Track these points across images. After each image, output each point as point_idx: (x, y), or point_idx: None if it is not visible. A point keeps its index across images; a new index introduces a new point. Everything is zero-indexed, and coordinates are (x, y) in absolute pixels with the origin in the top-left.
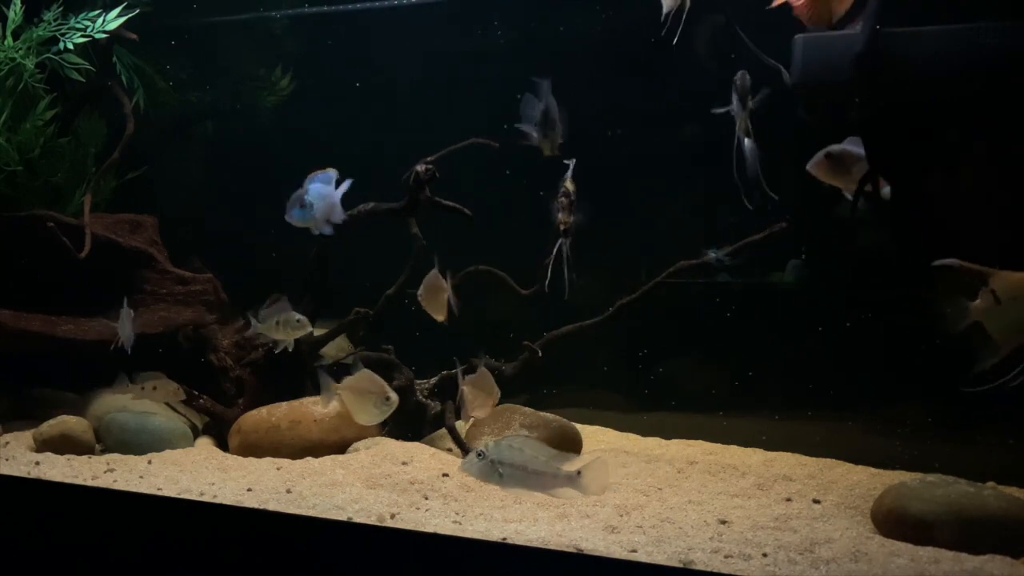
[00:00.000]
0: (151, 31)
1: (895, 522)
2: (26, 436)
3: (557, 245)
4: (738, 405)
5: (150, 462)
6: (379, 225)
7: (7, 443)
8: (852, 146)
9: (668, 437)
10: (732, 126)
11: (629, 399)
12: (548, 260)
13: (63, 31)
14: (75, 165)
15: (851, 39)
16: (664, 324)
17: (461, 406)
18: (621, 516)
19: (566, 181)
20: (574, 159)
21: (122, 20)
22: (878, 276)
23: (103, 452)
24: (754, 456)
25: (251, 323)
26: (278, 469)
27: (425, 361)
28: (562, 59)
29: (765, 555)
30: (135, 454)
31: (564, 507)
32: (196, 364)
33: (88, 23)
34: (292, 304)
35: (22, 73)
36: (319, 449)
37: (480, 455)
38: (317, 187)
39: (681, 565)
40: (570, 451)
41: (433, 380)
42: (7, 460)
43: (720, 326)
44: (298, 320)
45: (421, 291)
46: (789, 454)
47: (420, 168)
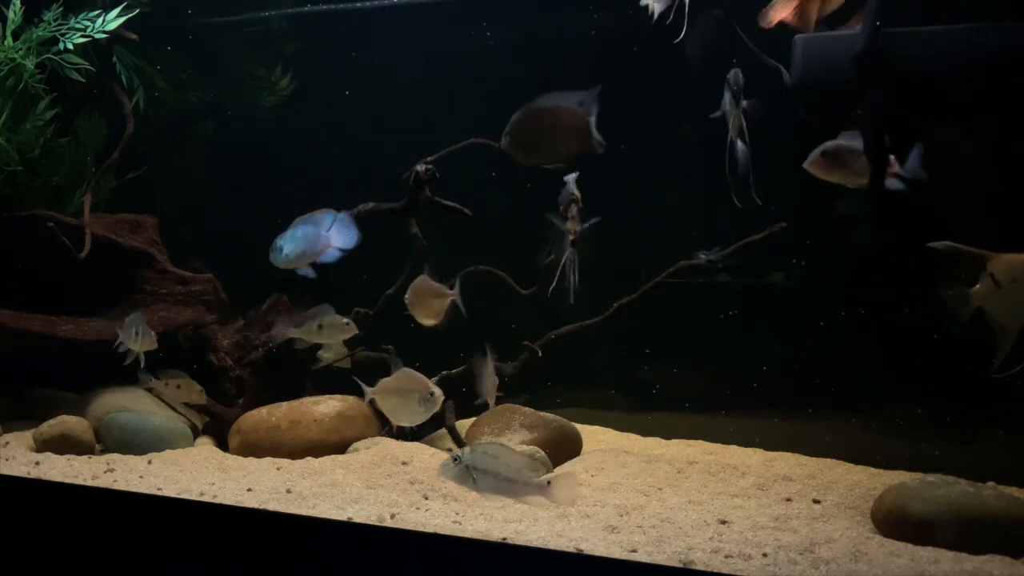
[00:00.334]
0: (151, 31)
1: (895, 522)
2: (26, 436)
3: (565, 255)
4: (738, 405)
5: (150, 462)
6: (379, 225)
7: (7, 443)
8: (847, 141)
9: (668, 437)
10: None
11: (629, 399)
12: (549, 260)
13: (63, 31)
14: (75, 165)
15: (851, 39)
16: (664, 324)
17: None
18: (621, 516)
19: (572, 188)
20: (576, 172)
21: (122, 20)
22: (877, 275)
23: (103, 452)
24: (754, 456)
25: (278, 329)
26: (278, 469)
27: (425, 361)
28: (562, 59)
29: (765, 555)
30: (135, 454)
31: (564, 507)
32: (196, 364)
33: (88, 23)
34: (292, 304)
35: (22, 73)
36: (319, 449)
37: (456, 460)
38: (295, 231)
39: (681, 565)
40: (570, 451)
41: (433, 380)
42: (7, 460)
43: (720, 326)
44: (346, 322)
45: (409, 296)
46: (789, 454)
47: (420, 168)
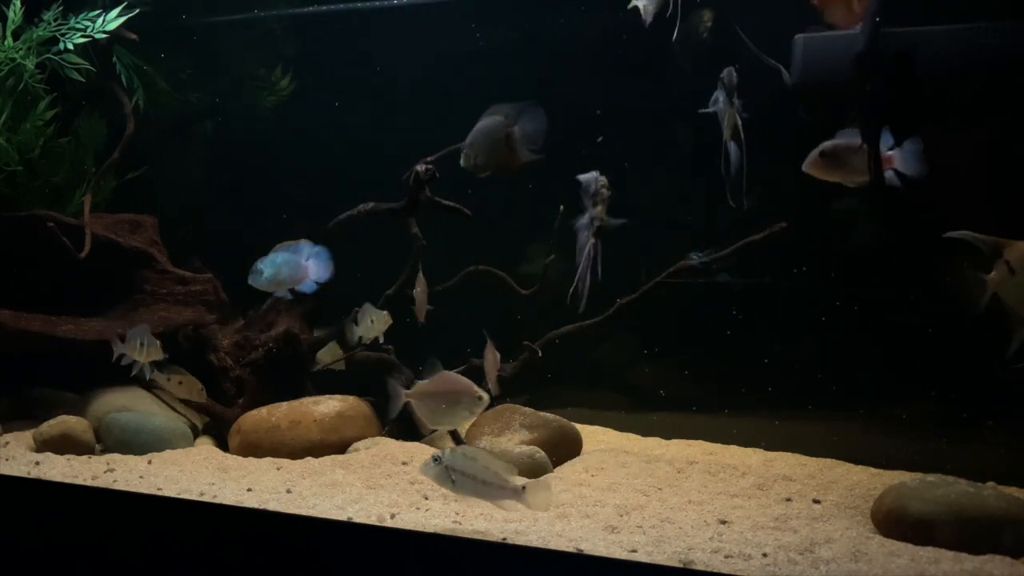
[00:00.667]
0: (151, 31)
1: (895, 522)
2: (26, 436)
3: (588, 245)
4: (738, 405)
5: (150, 462)
6: (379, 225)
7: (7, 443)
8: (844, 139)
9: (668, 437)
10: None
11: (629, 399)
12: (549, 260)
13: (63, 31)
14: (75, 165)
15: (851, 39)
16: (664, 324)
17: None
18: (621, 516)
19: (598, 176)
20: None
21: (122, 20)
22: (877, 274)
23: (103, 452)
24: (754, 456)
25: (350, 332)
26: (278, 469)
27: (425, 361)
28: (562, 59)
29: (765, 555)
30: (135, 454)
31: (564, 507)
32: (196, 364)
33: (88, 23)
34: (292, 304)
35: (22, 73)
36: (319, 449)
37: (436, 460)
38: (276, 256)
39: (681, 565)
40: (570, 451)
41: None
42: (7, 460)
43: (720, 326)
44: (385, 313)
45: (418, 288)
46: (789, 454)
47: (420, 168)
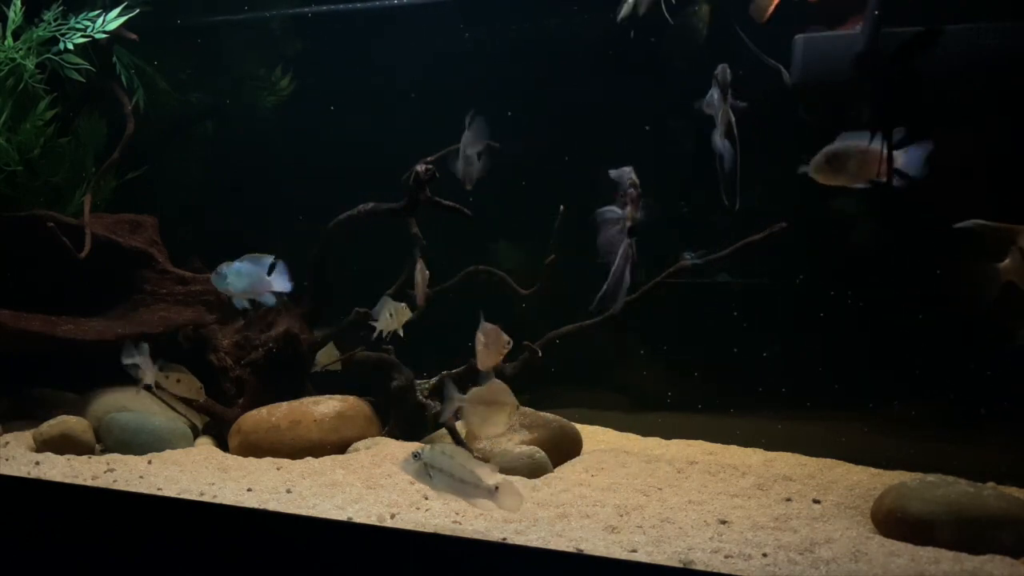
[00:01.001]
0: (151, 31)
1: (895, 522)
2: (26, 436)
3: (623, 246)
4: (738, 405)
5: (150, 462)
6: (379, 225)
7: (7, 443)
8: (847, 142)
9: (668, 437)
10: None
11: (629, 399)
12: (550, 261)
13: (63, 31)
14: (75, 165)
15: (851, 39)
16: (664, 324)
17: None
18: (621, 516)
19: (630, 174)
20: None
21: (122, 20)
22: (877, 274)
23: (103, 452)
24: (754, 456)
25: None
26: (278, 469)
27: (425, 361)
28: (561, 58)
29: (765, 555)
30: (135, 454)
31: (564, 507)
32: (196, 364)
33: (88, 23)
34: (292, 304)
35: (22, 73)
36: (319, 449)
37: (416, 457)
38: (240, 265)
39: (681, 565)
40: (570, 451)
41: (433, 380)
42: (7, 460)
43: (720, 326)
44: (404, 305)
45: (418, 273)
46: (789, 454)
47: (420, 168)
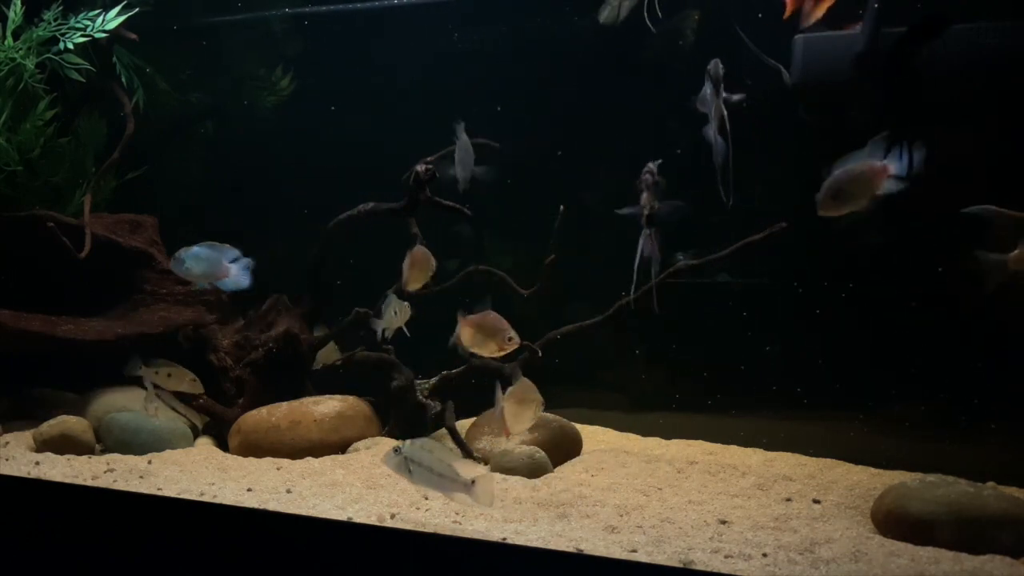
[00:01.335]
0: (151, 31)
1: (895, 522)
2: (26, 436)
3: (642, 237)
4: (738, 405)
5: (150, 462)
6: (379, 225)
7: (7, 443)
8: (844, 168)
9: (668, 437)
10: (732, 123)
11: (629, 399)
12: (550, 261)
13: (63, 31)
14: (75, 165)
15: (851, 39)
16: (664, 324)
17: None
18: (621, 516)
19: (650, 165)
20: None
21: (121, 19)
22: (877, 274)
23: (103, 452)
24: (754, 456)
25: (374, 324)
26: (278, 469)
27: (425, 361)
28: (562, 58)
29: (765, 555)
30: (135, 454)
31: (564, 507)
32: (196, 364)
33: (88, 23)
34: (291, 303)
35: (22, 73)
36: (319, 449)
37: (397, 451)
38: (199, 250)
39: (681, 565)
40: (570, 451)
41: (433, 380)
42: (7, 460)
43: (720, 325)
44: (406, 303)
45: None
46: (789, 454)
47: (420, 168)
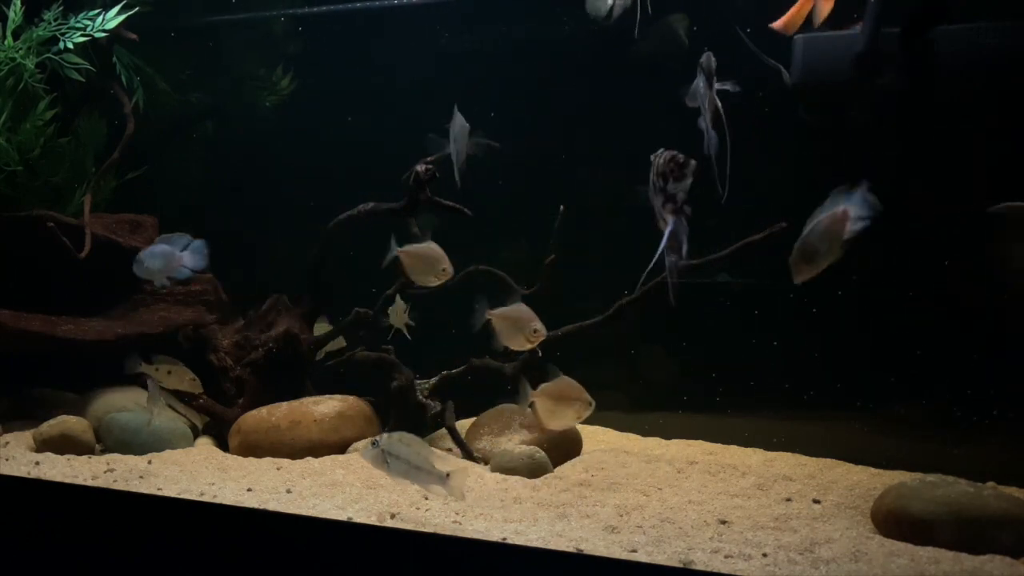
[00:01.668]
0: (151, 31)
1: (895, 522)
2: (26, 436)
3: (670, 227)
4: (738, 405)
5: (150, 462)
6: (379, 225)
7: (7, 443)
8: (810, 226)
9: (668, 437)
10: (731, 122)
11: (629, 399)
12: (550, 261)
13: (63, 31)
14: (75, 165)
15: (851, 39)
16: (664, 324)
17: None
18: (621, 516)
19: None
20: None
21: (121, 19)
22: (877, 273)
23: (103, 452)
24: (754, 456)
25: (383, 321)
26: (278, 469)
27: (425, 361)
28: (562, 58)
29: (765, 555)
30: (135, 454)
31: (564, 507)
32: (196, 364)
33: (88, 22)
34: (291, 303)
35: (22, 73)
36: (319, 449)
37: (375, 444)
38: (154, 248)
39: (681, 565)
40: (570, 451)
41: (433, 380)
42: (7, 460)
43: (720, 325)
44: (405, 308)
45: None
46: (789, 454)
47: (420, 168)
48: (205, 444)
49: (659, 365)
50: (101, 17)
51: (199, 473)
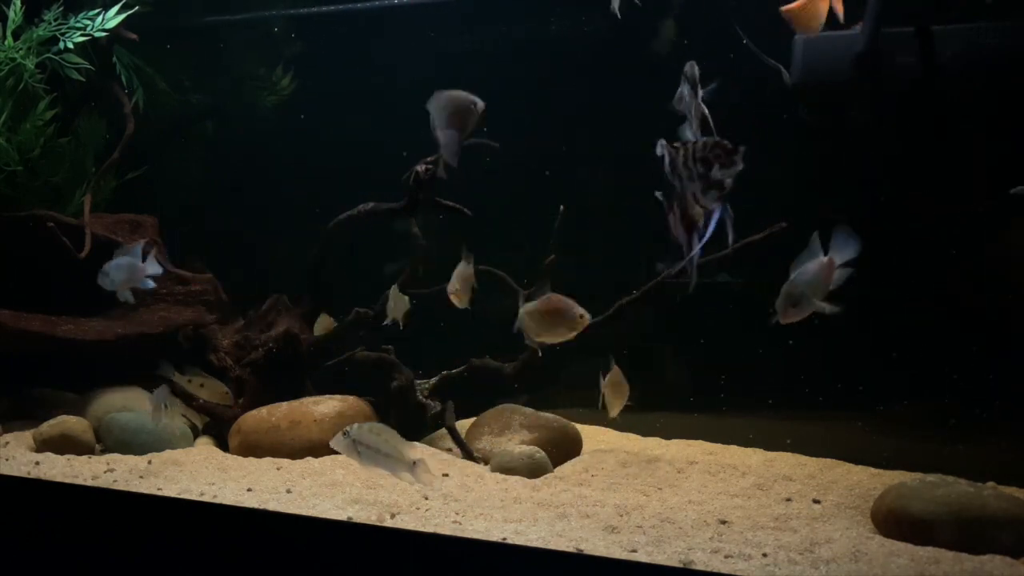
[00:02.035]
0: (151, 30)
1: (895, 522)
2: (26, 436)
3: (716, 218)
4: (738, 405)
5: (150, 462)
6: (379, 225)
7: (7, 443)
8: (796, 273)
9: (668, 437)
10: (730, 122)
11: (630, 399)
12: (550, 261)
13: (63, 31)
14: (75, 165)
15: (851, 39)
16: (664, 324)
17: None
18: (621, 516)
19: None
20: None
21: (121, 19)
22: (877, 274)
23: (103, 452)
24: (754, 456)
25: (383, 316)
26: (278, 469)
27: (425, 361)
28: (562, 58)
29: (765, 555)
30: (135, 454)
31: (564, 507)
32: (196, 364)
33: (88, 22)
34: (291, 303)
35: (22, 73)
36: (319, 449)
37: (346, 434)
38: (118, 261)
39: (681, 565)
40: (570, 451)
41: (433, 380)
42: (7, 460)
43: (720, 325)
44: (406, 299)
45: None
46: (789, 454)
47: (420, 168)
48: (205, 444)
49: (659, 365)
50: (101, 17)
51: (199, 473)
